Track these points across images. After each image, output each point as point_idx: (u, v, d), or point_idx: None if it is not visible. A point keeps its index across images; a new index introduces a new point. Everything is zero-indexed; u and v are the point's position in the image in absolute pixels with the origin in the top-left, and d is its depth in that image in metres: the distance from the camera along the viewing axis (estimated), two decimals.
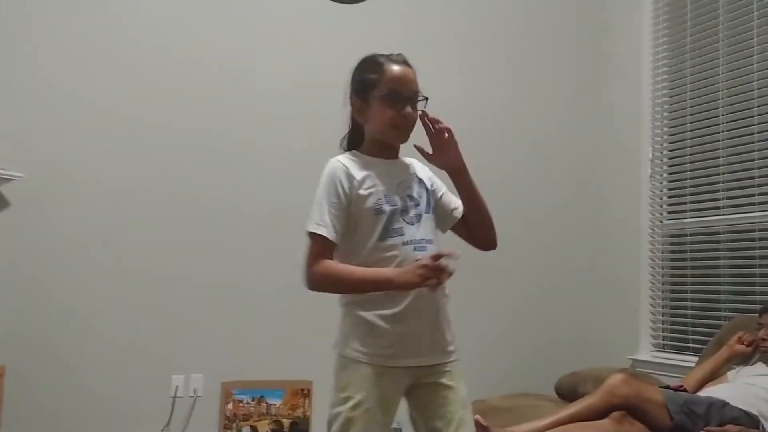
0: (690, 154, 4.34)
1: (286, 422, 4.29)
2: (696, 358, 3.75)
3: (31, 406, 3.86)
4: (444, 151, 2.17)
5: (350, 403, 2.03)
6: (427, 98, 2.18)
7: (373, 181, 2.10)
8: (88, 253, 4.04)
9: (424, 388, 2.08)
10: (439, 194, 2.24)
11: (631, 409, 2.92)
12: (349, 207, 2.08)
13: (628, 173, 4.69)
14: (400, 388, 2.09)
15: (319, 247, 2.05)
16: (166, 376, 4.14)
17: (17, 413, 3.70)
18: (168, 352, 4.13)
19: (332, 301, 2.26)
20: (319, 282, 2.07)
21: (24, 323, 3.90)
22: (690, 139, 4.34)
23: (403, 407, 2.20)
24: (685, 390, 3.19)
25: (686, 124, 4.37)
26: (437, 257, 1.92)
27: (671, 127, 4.52)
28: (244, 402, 4.26)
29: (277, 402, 4.30)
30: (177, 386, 4.16)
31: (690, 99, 4.35)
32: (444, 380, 2.07)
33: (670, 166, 4.53)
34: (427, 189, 2.18)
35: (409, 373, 2.07)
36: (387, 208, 2.07)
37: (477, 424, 2.64)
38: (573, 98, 4.98)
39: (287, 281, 4.20)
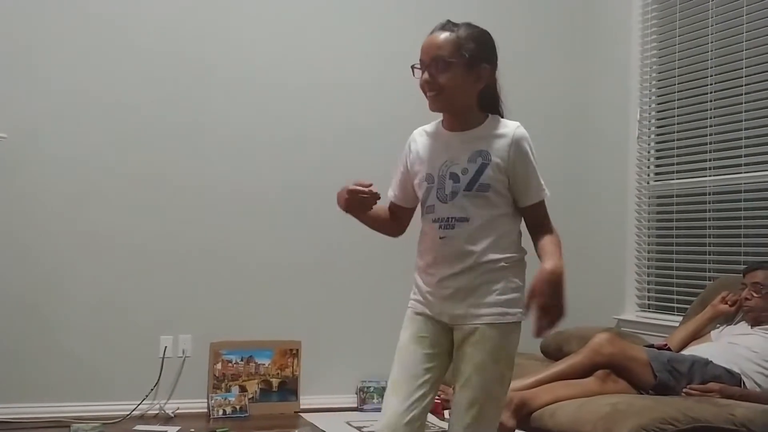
0: (678, 115, 4.33)
1: (275, 382, 4.33)
2: (680, 318, 3.79)
3: (19, 369, 3.88)
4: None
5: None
6: (417, 67, 2.12)
7: (425, 156, 2.15)
8: (74, 214, 4.03)
9: (457, 341, 2.11)
10: (513, 173, 2.12)
11: (616, 367, 2.96)
12: (409, 176, 2.19)
13: (614, 134, 4.69)
14: (436, 329, 2.13)
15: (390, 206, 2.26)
16: (155, 337, 4.16)
17: (4, 375, 3.72)
18: (156, 314, 4.15)
19: (320, 261, 2.27)
20: None
21: (8, 285, 3.90)
22: (678, 99, 4.33)
23: None
24: (668, 349, 3.23)
25: (674, 85, 4.36)
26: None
27: (659, 88, 4.51)
28: (233, 362, 4.29)
29: (266, 362, 4.33)
30: (165, 347, 4.18)
31: (679, 59, 4.33)
32: (471, 338, 2.07)
33: (658, 127, 4.54)
34: (484, 164, 2.08)
35: (439, 322, 2.13)
36: (425, 184, 2.12)
37: None
38: (560, 56, 4.95)
39: (276, 242, 4.25)
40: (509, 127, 2.14)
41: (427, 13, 4.62)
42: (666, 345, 3.29)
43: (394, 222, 2.27)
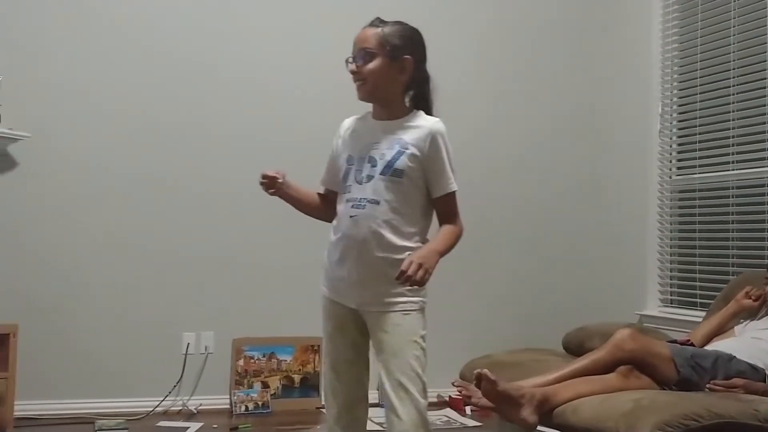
0: (700, 109, 4.29)
1: (296, 378, 4.34)
2: (703, 313, 3.76)
3: (43, 366, 3.92)
4: None
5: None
6: (350, 60, 2.28)
7: (349, 139, 2.36)
8: (98, 214, 4.07)
9: (369, 326, 2.29)
10: (427, 165, 2.26)
11: (638, 363, 2.93)
12: (337, 161, 2.37)
13: (636, 128, 4.65)
14: (349, 317, 2.31)
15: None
16: (178, 334, 4.19)
17: (29, 372, 3.76)
18: (179, 311, 4.18)
19: None
20: None
21: (34, 283, 3.95)
22: (700, 93, 4.29)
23: None
24: (691, 344, 3.20)
25: (696, 78, 4.32)
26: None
27: (681, 81, 4.47)
28: (255, 358, 4.31)
29: (288, 358, 4.34)
30: (188, 344, 4.21)
31: (701, 52, 4.29)
32: (382, 325, 2.24)
33: (680, 121, 4.49)
34: (401, 151, 2.24)
35: (349, 309, 2.30)
36: (345, 165, 2.31)
37: (485, 377, 2.66)
38: (580, 50, 4.92)
39: (297, 239, 4.26)
40: (429, 121, 2.29)
41: (440, 16, 4.67)
42: (689, 340, 3.25)
43: (327, 207, 2.41)
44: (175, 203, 4.19)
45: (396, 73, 2.27)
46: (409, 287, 2.20)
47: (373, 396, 2.87)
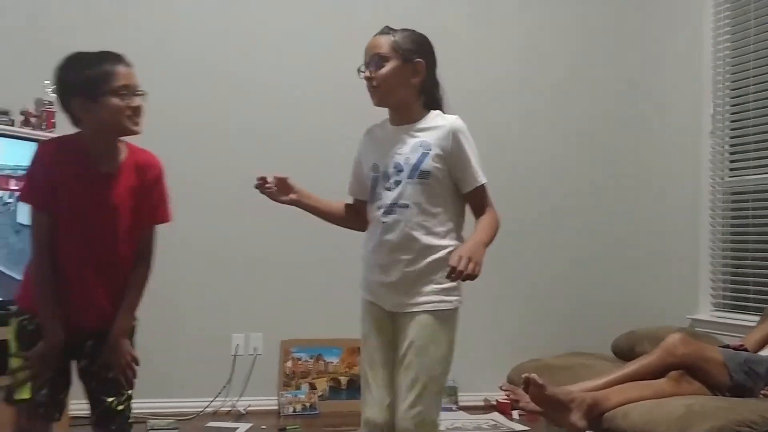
0: (753, 109, 4.20)
1: (343, 380, 4.37)
2: (757, 318, 3.68)
3: None
4: None
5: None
6: (362, 69, 2.32)
7: (372, 148, 2.39)
8: None
9: (398, 326, 2.31)
10: (452, 162, 2.29)
11: (689, 368, 2.89)
12: (362, 168, 2.42)
13: (688, 129, 4.57)
14: (387, 319, 2.35)
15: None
16: (227, 336, 4.25)
17: None
18: (228, 312, 4.24)
19: None
20: None
21: None
22: (754, 93, 4.20)
23: None
24: (745, 349, 3.14)
25: (749, 78, 4.23)
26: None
27: (734, 81, 4.38)
28: (303, 360, 4.35)
29: (335, 360, 4.37)
30: (237, 345, 4.27)
31: (754, 51, 4.20)
32: (411, 324, 2.25)
33: (733, 121, 4.41)
34: (424, 153, 2.26)
35: (387, 311, 2.34)
36: (371, 174, 2.34)
37: (533, 382, 2.65)
38: (632, 52, 4.86)
39: (345, 242, 4.27)
40: (448, 119, 2.32)
41: (488, 6, 4.67)
42: (742, 345, 3.19)
43: (357, 216, 2.46)
44: (223, 206, 4.25)
45: (409, 76, 2.30)
46: (454, 284, 2.22)
47: None
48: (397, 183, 2.27)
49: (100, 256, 2.20)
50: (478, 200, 2.33)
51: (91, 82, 2.09)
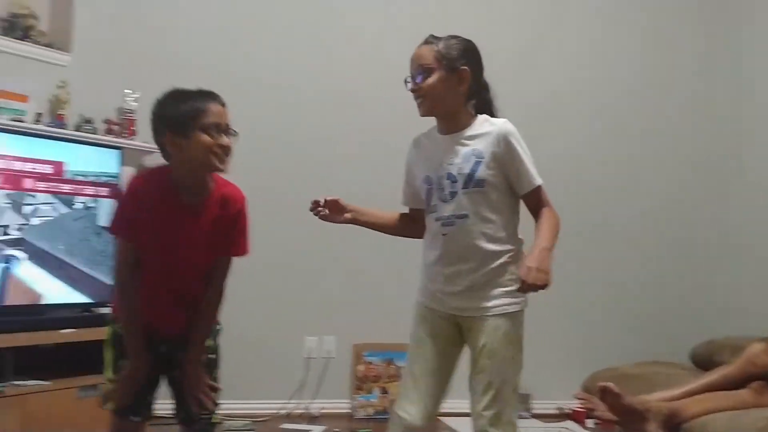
0: None
1: None
2: None
3: None
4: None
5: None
6: (408, 79, 2.31)
7: (422, 159, 2.37)
8: None
9: (467, 332, 2.31)
10: (505, 166, 2.26)
11: None
12: (413, 179, 2.41)
13: None
14: (443, 325, 2.34)
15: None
16: (300, 338, 4.31)
17: None
18: (302, 315, 4.30)
19: None
20: None
21: None
22: None
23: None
24: None
25: None
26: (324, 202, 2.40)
27: None
28: (375, 364, 4.37)
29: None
30: (311, 348, 4.32)
31: None
32: (481, 329, 2.25)
33: None
34: (477, 161, 2.25)
35: (445, 317, 2.33)
36: (425, 187, 2.33)
37: (609, 391, 2.62)
38: (712, 47, 4.76)
39: (418, 248, 4.29)
40: (497, 123, 2.29)
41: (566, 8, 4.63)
42: None
43: (414, 224, 2.46)
44: (300, 210, 4.29)
45: (455, 85, 2.27)
46: (522, 293, 2.19)
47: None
48: (453, 194, 2.26)
49: (179, 285, 2.28)
50: (534, 201, 2.30)
51: (182, 118, 2.14)
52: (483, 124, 2.30)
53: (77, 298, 3.66)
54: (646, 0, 4.74)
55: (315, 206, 2.45)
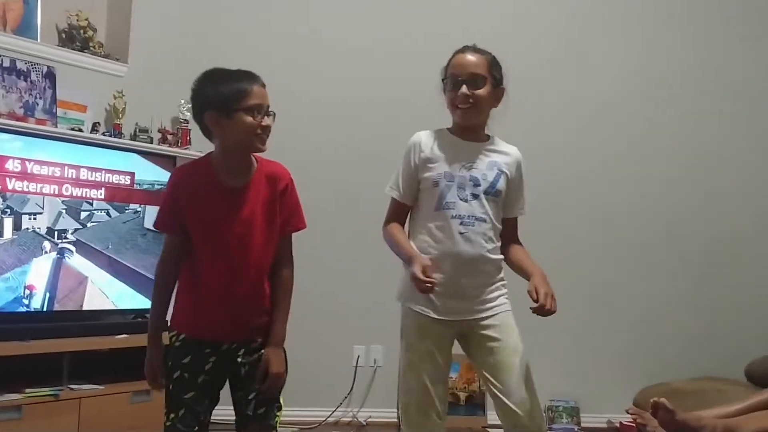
0: None
1: (462, 396, 4.36)
2: None
3: None
4: None
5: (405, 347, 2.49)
6: (447, 83, 2.39)
7: (440, 156, 2.38)
8: None
9: (473, 334, 2.38)
10: (512, 188, 2.42)
11: None
12: (417, 175, 2.40)
13: None
14: (448, 336, 2.42)
15: (392, 207, 2.48)
16: (349, 347, 4.33)
17: None
18: (350, 324, 4.32)
19: (508, 279, 2.38)
20: (384, 237, 2.51)
21: None
22: None
23: None
24: None
25: None
26: (424, 273, 2.19)
27: None
28: None
29: (453, 375, 4.37)
30: (358, 356, 4.34)
31: None
32: (494, 328, 2.35)
33: None
34: (499, 173, 2.37)
35: (450, 328, 2.39)
36: (443, 182, 2.34)
37: (662, 406, 2.58)
38: (753, 53, 4.67)
39: None
40: (513, 148, 2.46)
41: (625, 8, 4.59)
42: None
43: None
44: (346, 219, 4.34)
45: (493, 101, 2.39)
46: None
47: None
48: (475, 196, 2.34)
49: (238, 269, 2.25)
50: (514, 226, 2.47)
51: (225, 98, 2.17)
52: (501, 143, 2.45)
53: (131, 304, 3.74)
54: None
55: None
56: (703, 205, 4.55)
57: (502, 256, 2.41)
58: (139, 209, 3.78)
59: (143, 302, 3.70)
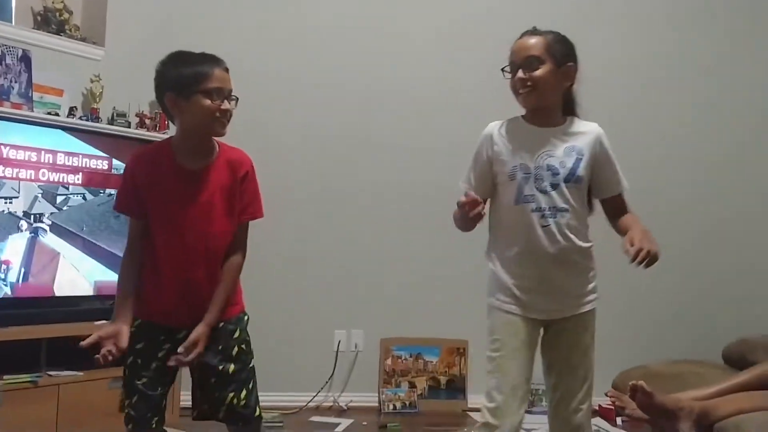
0: None
1: (443, 379, 4.38)
2: None
3: None
4: None
5: (495, 346, 2.31)
6: (507, 70, 2.30)
7: (513, 148, 2.28)
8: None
9: (554, 330, 2.33)
10: (599, 167, 2.31)
11: None
12: (492, 168, 2.30)
13: None
14: (535, 334, 2.33)
15: None
16: (330, 332, 4.32)
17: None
18: (331, 309, 4.31)
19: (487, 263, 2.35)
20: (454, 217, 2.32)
21: None
22: None
23: None
24: None
25: None
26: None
27: None
28: (403, 358, 4.38)
29: (434, 359, 4.39)
30: (339, 341, 4.34)
31: None
32: (574, 326, 2.31)
33: None
34: (579, 157, 2.26)
35: (537, 326, 2.32)
36: (519, 175, 2.25)
37: (640, 389, 2.60)
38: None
39: (445, 244, 4.29)
40: (592, 126, 2.34)
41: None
42: None
43: None
44: (329, 205, 4.33)
45: (561, 80, 2.28)
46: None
47: None
48: (554, 186, 2.24)
49: (193, 252, 2.22)
50: (619, 204, 2.36)
51: (185, 80, 2.15)
52: (578, 124, 2.33)
53: (101, 277, 3.69)
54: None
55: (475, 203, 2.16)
56: (681, 195, 4.57)
57: (590, 243, 2.30)
58: (113, 193, 3.75)
59: (113, 276, 3.67)
